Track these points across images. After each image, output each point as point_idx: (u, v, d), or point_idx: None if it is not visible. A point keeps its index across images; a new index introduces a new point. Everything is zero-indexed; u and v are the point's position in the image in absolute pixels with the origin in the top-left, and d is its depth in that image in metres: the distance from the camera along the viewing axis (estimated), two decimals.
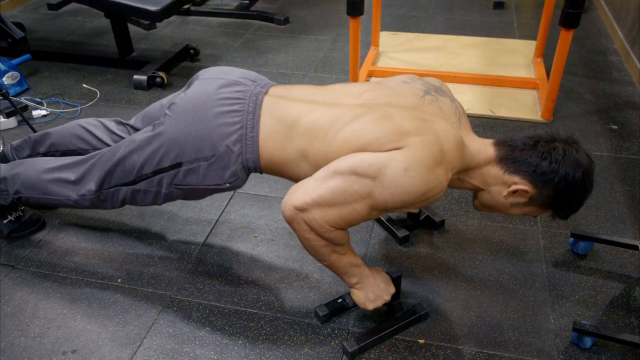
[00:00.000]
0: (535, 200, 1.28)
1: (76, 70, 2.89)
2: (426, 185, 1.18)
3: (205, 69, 1.45)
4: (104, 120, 1.69)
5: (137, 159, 1.40)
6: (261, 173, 1.41)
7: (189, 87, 1.43)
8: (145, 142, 1.39)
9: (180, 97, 1.38)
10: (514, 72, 2.78)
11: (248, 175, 1.41)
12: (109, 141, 1.65)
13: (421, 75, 2.72)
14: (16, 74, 2.64)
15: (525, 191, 1.26)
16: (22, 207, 1.79)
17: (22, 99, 2.53)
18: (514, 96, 2.60)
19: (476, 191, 1.37)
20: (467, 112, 2.47)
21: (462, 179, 1.34)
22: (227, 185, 1.38)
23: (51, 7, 3.57)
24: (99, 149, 1.65)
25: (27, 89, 2.70)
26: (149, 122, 1.58)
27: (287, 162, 1.33)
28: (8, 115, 2.34)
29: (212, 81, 1.37)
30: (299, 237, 1.28)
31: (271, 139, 1.32)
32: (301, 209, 1.21)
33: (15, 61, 2.69)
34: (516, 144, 1.28)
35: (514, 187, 1.26)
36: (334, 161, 1.23)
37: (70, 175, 1.53)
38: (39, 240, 1.77)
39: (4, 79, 2.58)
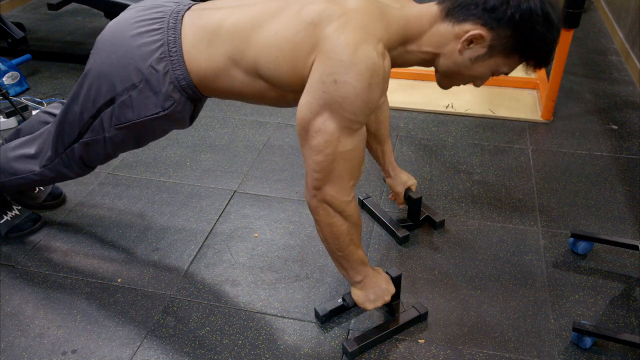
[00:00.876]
0: (496, 47, 1.17)
1: (76, 70, 2.89)
2: (362, 75, 1.11)
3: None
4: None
5: (75, 108, 1.39)
6: (202, 95, 1.36)
7: None
8: (77, 86, 1.38)
9: (102, 31, 1.36)
10: (514, 72, 2.78)
11: (191, 102, 1.36)
12: None
13: (421, 76, 2.73)
14: (16, 74, 2.64)
15: (480, 36, 1.16)
16: (19, 207, 1.79)
17: (22, 99, 2.53)
18: (514, 96, 2.60)
19: (434, 63, 1.27)
20: (466, 112, 2.47)
21: (411, 51, 1.25)
22: (165, 111, 1.32)
23: (51, 7, 3.56)
24: None
25: (27, 89, 2.70)
26: None
27: (217, 73, 1.28)
28: (8, 115, 2.34)
29: (131, 9, 1.35)
30: (323, 224, 1.27)
31: (195, 49, 1.26)
32: (317, 188, 1.22)
33: (15, 61, 2.69)
34: None
35: (466, 35, 1.16)
36: (297, 132, 1.21)
37: (31, 150, 1.55)
38: (39, 240, 1.77)
39: (4, 79, 2.58)
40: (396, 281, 1.44)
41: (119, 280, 1.63)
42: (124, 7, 2.55)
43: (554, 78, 2.29)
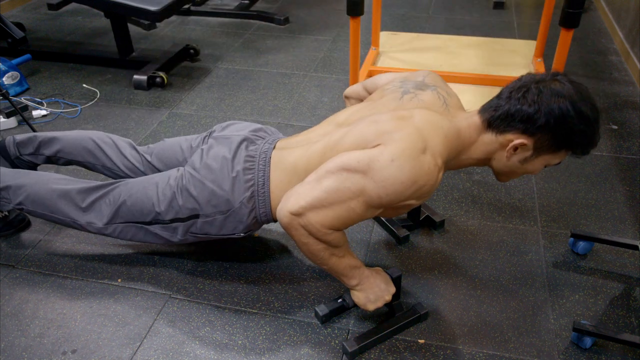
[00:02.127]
0: (541, 148, 1.25)
1: (76, 70, 2.89)
2: (414, 173, 1.19)
3: (220, 125, 1.56)
4: (116, 139, 1.69)
5: (155, 204, 1.47)
6: (275, 222, 1.49)
7: (206, 142, 1.55)
8: (167, 190, 1.46)
9: (201, 155, 1.47)
10: (514, 72, 2.78)
11: (262, 224, 1.49)
12: (120, 164, 1.67)
13: None
14: (16, 74, 2.64)
15: (523, 144, 1.24)
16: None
17: (22, 99, 2.54)
18: None
19: (489, 164, 1.35)
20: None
21: (464, 159, 1.34)
22: (241, 235, 1.47)
23: (51, 7, 3.57)
24: (107, 167, 1.68)
25: (27, 89, 2.70)
26: (165, 164, 1.64)
27: None
28: (8, 115, 2.34)
29: (228, 141, 1.46)
30: (297, 242, 1.29)
31: (278, 189, 1.41)
32: (297, 214, 1.23)
33: (15, 61, 2.69)
34: (496, 104, 1.27)
35: (510, 145, 1.25)
36: (324, 163, 1.25)
37: (81, 202, 1.54)
38: (39, 240, 1.77)
39: (4, 79, 2.58)
40: (396, 281, 1.44)
41: (119, 280, 1.63)
42: (124, 7, 2.55)
43: None
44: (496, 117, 1.26)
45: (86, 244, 1.75)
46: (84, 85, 2.74)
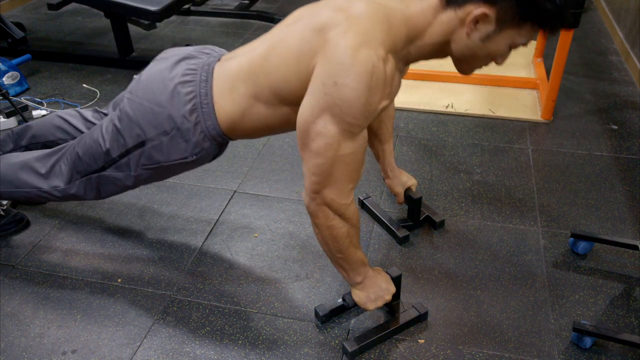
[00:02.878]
0: (504, 20, 1.14)
1: (76, 70, 2.89)
2: (361, 76, 1.12)
3: (164, 50, 1.47)
4: (82, 110, 1.71)
5: (102, 144, 1.42)
6: (230, 139, 1.41)
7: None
8: (109, 126, 1.42)
9: (137, 78, 1.41)
10: (514, 72, 2.78)
11: (218, 147, 1.41)
12: (85, 130, 1.66)
13: (421, 76, 2.73)
14: (16, 74, 2.64)
15: (484, 14, 1.13)
16: (4, 207, 1.79)
17: (22, 99, 2.53)
18: (514, 96, 2.60)
19: (448, 51, 1.26)
20: (466, 112, 2.47)
21: (420, 46, 1.24)
22: (193, 157, 1.38)
23: (51, 7, 3.56)
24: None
25: (27, 89, 2.70)
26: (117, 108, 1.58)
27: (242, 113, 1.32)
28: (8, 115, 2.34)
29: (166, 60, 1.39)
30: (322, 227, 1.27)
31: (222, 98, 1.32)
32: (316, 192, 1.22)
33: (15, 61, 2.69)
34: None
35: (470, 17, 1.14)
36: (297, 135, 1.22)
37: (41, 168, 1.54)
38: (39, 240, 1.77)
39: (4, 79, 2.58)
40: (396, 281, 1.44)
41: (119, 280, 1.63)
42: (124, 7, 2.55)
43: (554, 78, 2.29)
44: None
45: (86, 244, 1.75)
46: (84, 85, 2.74)
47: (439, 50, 1.25)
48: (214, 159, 1.46)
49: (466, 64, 1.26)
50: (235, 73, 1.31)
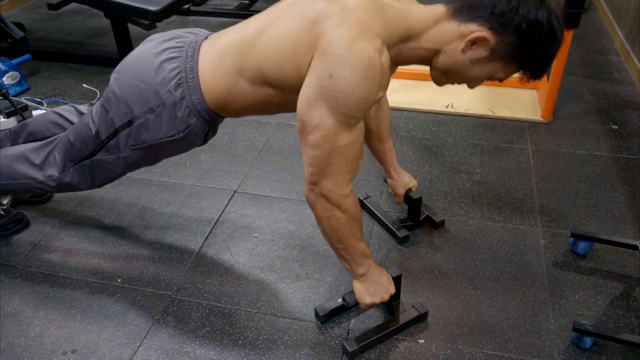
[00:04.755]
0: (498, 52, 1.18)
1: (76, 70, 2.89)
2: (357, 69, 1.12)
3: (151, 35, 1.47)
4: (77, 105, 1.71)
5: (92, 127, 1.42)
6: (218, 116, 1.39)
7: None
8: (97, 108, 1.42)
9: (124, 59, 1.41)
10: None
11: (206, 126, 1.40)
12: None
13: (421, 76, 2.73)
14: (16, 74, 2.64)
15: (485, 39, 1.16)
16: (4, 207, 1.79)
17: (22, 99, 2.53)
18: (514, 96, 2.60)
19: (434, 60, 1.27)
20: (467, 112, 2.47)
21: (412, 47, 1.25)
22: (180, 134, 1.36)
23: (51, 7, 3.56)
24: None
25: (27, 89, 2.70)
26: None
27: (228, 89, 1.31)
28: (8, 115, 2.34)
29: (152, 40, 1.40)
30: (322, 218, 1.28)
31: (209, 73, 1.31)
32: (314, 183, 1.23)
33: (15, 61, 2.69)
34: None
35: (471, 36, 1.16)
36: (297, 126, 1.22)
37: (35, 159, 1.54)
38: (39, 240, 1.77)
39: (4, 79, 2.58)
40: (396, 281, 1.44)
41: (119, 280, 1.63)
42: (124, 7, 2.55)
43: (554, 78, 2.29)
44: (467, 4, 1.18)
45: (86, 244, 1.75)
46: (84, 85, 2.74)
47: (428, 56, 1.26)
48: (205, 141, 1.44)
49: (445, 77, 1.29)
50: (225, 47, 1.30)
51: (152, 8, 2.51)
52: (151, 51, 1.35)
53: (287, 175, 2.07)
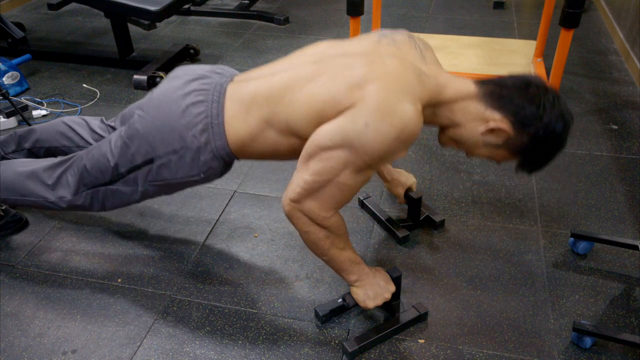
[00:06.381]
0: (509, 144, 1.25)
1: (76, 70, 2.89)
2: (393, 130, 1.15)
3: (176, 68, 1.47)
4: (88, 118, 1.71)
5: (110, 159, 1.43)
6: (237, 159, 1.41)
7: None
8: (118, 141, 1.42)
9: (149, 95, 1.42)
10: (514, 72, 2.77)
11: (225, 166, 1.42)
12: (90, 140, 1.67)
13: None
14: (16, 74, 2.64)
15: (504, 131, 1.23)
16: (4, 207, 1.79)
17: (22, 99, 2.53)
18: None
19: (448, 127, 1.32)
20: None
21: (437, 114, 1.30)
22: (201, 176, 1.39)
23: (51, 7, 3.57)
24: (82, 147, 1.67)
25: (27, 89, 2.70)
26: (126, 123, 1.59)
27: (253, 136, 1.33)
28: (8, 115, 2.34)
29: (178, 78, 1.40)
30: (300, 231, 1.29)
31: (235, 120, 1.33)
32: (296, 201, 1.24)
33: (15, 61, 2.69)
34: (505, 83, 1.26)
35: (492, 124, 1.23)
36: (305, 147, 1.24)
37: (48, 179, 1.54)
38: (39, 240, 1.77)
39: (4, 79, 2.58)
40: (396, 281, 1.44)
41: (119, 280, 1.63)
42: (124, 7, 2.55)
43: (554, 78, 2.29)
44: (498, 95, 1.24)
45: (86, 244, 1.75)
46: (84, 85, 2.74)
47: (446, 124, 1.32)
48: (221, 176, 1.47)
49: (455, 144, 1.35)
50: (252, 96, 1.32)
51: (152, 8, 2.51)
52: (177, 93, 1.35)
53: (287, 175, 2.07)
